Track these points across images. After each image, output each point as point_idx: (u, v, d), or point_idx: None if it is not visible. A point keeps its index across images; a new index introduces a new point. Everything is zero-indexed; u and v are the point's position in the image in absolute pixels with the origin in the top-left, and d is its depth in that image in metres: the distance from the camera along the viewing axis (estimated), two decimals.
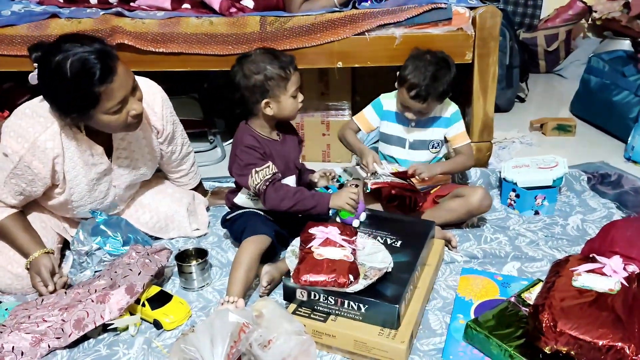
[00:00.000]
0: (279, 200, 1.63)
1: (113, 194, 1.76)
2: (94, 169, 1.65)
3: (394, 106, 1.93)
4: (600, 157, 2.39)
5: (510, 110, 3.08)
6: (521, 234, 1.86)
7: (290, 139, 1.78)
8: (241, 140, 1.68)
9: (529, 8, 3.60)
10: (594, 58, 2.87)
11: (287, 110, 1.65)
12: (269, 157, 1.67)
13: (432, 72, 1.77)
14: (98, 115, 1.48)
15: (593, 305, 1.24)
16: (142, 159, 1.78)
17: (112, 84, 1.44)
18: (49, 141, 1.53)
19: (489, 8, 2.03)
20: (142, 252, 1.60)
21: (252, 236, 1.60)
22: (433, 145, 1.94)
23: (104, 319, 1.41)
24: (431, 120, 1.92)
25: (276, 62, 1.60)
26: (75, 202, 1.68)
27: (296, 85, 1.64)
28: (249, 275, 1.54)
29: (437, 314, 1.51)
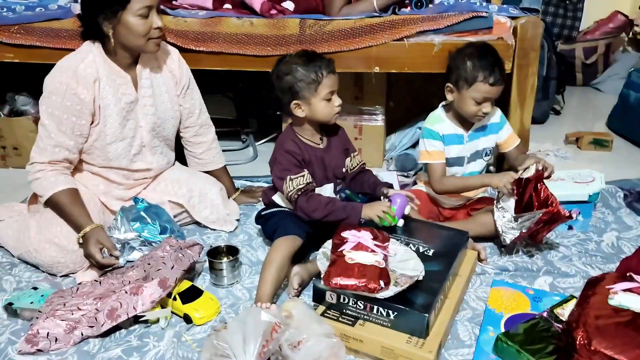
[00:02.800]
0: (311, 211, 1.65)
1: (140, 136, 1.85)
2: (123, 98, 1.77)
3: (445, 129, 1.88)
4: (638, 174, 2.34)
5: (545, 122, 3.04)
6: (554, 249, 1.84)
7: (336, 146, 1.77)
8: (282, 144, 1.70)
9: (569, 19, 3.55)
10: (635, 72, 2.81)
11: (320, 113, 1.65)
12: (308, 163, 1.68)
13: (492, 55, 1.78)
14: (127, 17, 1.64)
15: (630, 325, 1.21)
16: (163, 105, 1.88)
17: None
18: (88, 68, 1.69)
19: (531, 19, 2.01)
20: (176, 246, 1.63)
21: (284, 236, 1.61)
22: (486, 153, 1.93)
23: (136, 310, 1.43)
24: (481, 129, 1.90)
25: (310, 64, 1.62)
26: (109, 137, 1.77)
27: (330, 89, 1.63)
28: (280, 275, 1.55)
29: (466, 325, 1.50)
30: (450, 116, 1.89)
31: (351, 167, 1.81)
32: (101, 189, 1.87)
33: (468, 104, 1.79)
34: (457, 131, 1.88)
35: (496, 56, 1.79)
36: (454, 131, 1.88)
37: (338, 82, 1.66)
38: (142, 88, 1.82)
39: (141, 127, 1.85)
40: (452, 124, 1.88)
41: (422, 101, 2.05)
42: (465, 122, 1.88)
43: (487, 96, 1.77)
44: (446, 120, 1.89)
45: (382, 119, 2.48)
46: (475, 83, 1.76)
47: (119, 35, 1.69)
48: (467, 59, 1.77)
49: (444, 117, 1.90)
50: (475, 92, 1.77)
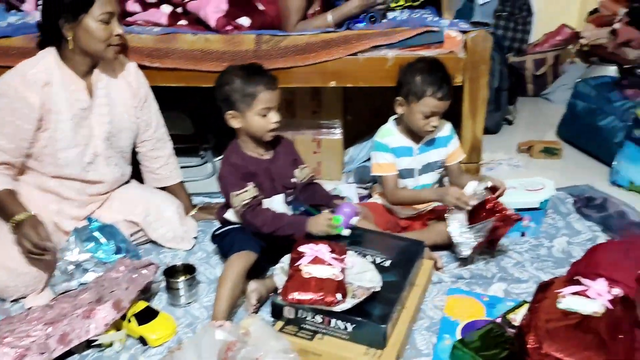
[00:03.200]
0: (259, 226, 1.66)
1: (94, 145, 1.82)
2: (76, 104, 1.76)
3: (395, 141, 1.92)
4: (586, 180, 2.43)
5: (498, 132, 3.12)
6: (507, 255, 1.88)
7: (284, 157, 1.78)
8: (226, 158, 1.73)
9: (518, 33, 3.66)
10: (581, 83, 2.92)
11: (254, 127, 1.68)
12: (254, 176, 1.69)
13: (441, 71, 1.83)
14: (88, 21, 1.67)
15: (578, 327, 1.25)
16: (119, 115, 1.87)
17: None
18: (39, 73, 1.70)
19: (481, 32, 2.07)
20: (130, 267, 1.60)
21: (238, 252, 1.61)
22: (437, 165, 1.96)
23: (89, 334, 1.40)
24: (431, 143, 1.94)
25: (249, 78, 1.65)
26: (59, 143, 1.75)
27: (265, 105, 1.65)
28: (235, 292, 1.54)
29: (423, 334, 1.52)
30: (400, 129, 1.94)
31: (301, 178, 1.81)
32: (53, 208, 1.82)
33: (417, 118, 1.83)
34: (407, 144, 1.92)
35: (445, 72, 1.84)
36: (403, 144, 1.92)
37: (277, 99, 1.68)
38: (98, 97, 1.82)
39: (95, 136, 1.83)
40: (402, 137, 1.92)
41: (379, 114, 2.08)
42: (415, 135, 1.92)
43: (435, 110, 1.81)
44: (396, 134, 1.93)
45: (340, 132, 2.50)
46: (424, 97, 1.80)
47: (79, 39, 1.70)
48: (416, 74, 1.82)
49: (394, 131, 1.93)
50: (423, 106, 1.81)
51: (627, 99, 2.61)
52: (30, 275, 1.61)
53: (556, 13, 3.85)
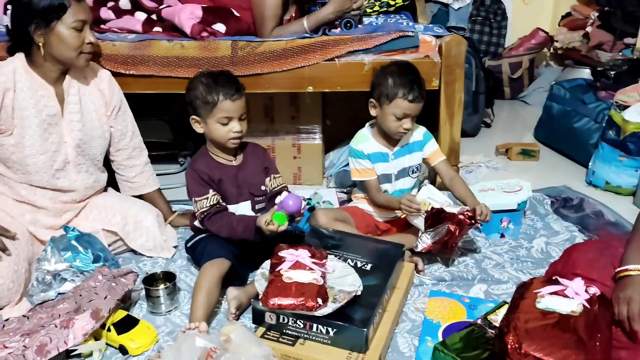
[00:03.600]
0: (216, 232, 1.68)
1: (64, 152, 1.81)
2: (44, 110, 1.75)
3: (369, 147, 1.92)
4: (563, 181, 2.46)
5: (477, 135, 3.15)
6: (487, 257, 1.90)
7: (254, 164, 1.78)
8: (192, 164, 1.75)
9: (494, 37, 3.72)
10: (556, 86, 2.97)
11: (214, 134, 1.70)
12: (218, 182, 1.71)
13: (412, 74, 1.84)
14: (60, 28, 1.67)
15: (556, 326, 1.27)
16: (90, 123, 1.86)
17: (80, 4, 1.70)
18: (2, 76, 1.68)
19: (455, 37, 2.10)
20: (109, 275, 1.58)
21: (210, 260, 1.61)
22: (412, 170, 1.97)
23: (67, 345, 1.37)
24: (407, 148, 1.95)
25: (213, 85, 1.66)
26: (27, 149, 1.73)
27: (226, 114, 1.66)
28: (211, 299, 1.54)
29: (405, 337, 1.52)
30: (375, 134, 1.95)
31: (271, 187, 1.81)
32: (27, 218, 1.80)
33: (389, 120, 1.85)
34: (382, 150, 1.93)
35: (416, 74, 1.85)
36: (378, 150, 1.93)
37: (240, 110, 1.68)
38: (69, 104, 1.80)
39: (66, 143, 1.81)
40: (377, 142, 1.94)
41: (358, 119, 2.09)
42: (390, 139, 1.93)
43: (406, 112, 1.82)
44: (371, 140, 1.94)
45: (319, 137, 2.51)
46: (396, 99, 1.81)
47: (50, 46, 1.69)
48: (388, 76, 1.83)
49: (369, 136, 1.94)
50: (395, 107, 1.82)
51: (600, 100, 2.66)
52: (5, 286, 1.58)
53: (530, 17, 3.92)
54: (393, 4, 2.57)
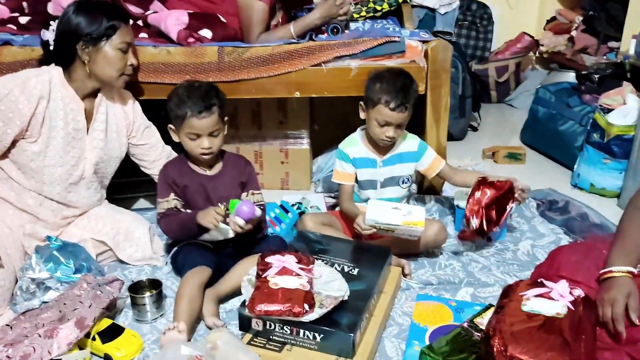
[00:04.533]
0: (168, 232, 1.75)
1: (82, 168, 1.84)
2: (72, 123, 1.78)
3: (357, 152, 1.93)
4: (549, 184, 2.48)
5: (464, 138, 3.17)
6: (474, 260, 1.91)
7: (230, 177, 1.77)
8: (165, 164, 1.82)
9: (480, 41, 3.75)
10: (541, 89, 3.00)
11: (185, 146, 1.73)
12: (183, 188, 1.73)
13: (401, 82, 1.83)
14: (107, 49, 1.74)
15: (541, 329, 1.28)
16: (112, 143, 1.90)
17: (126, 28, 1.78)
18: (39, 83, 1.70)
19: (440, 42, 2.11)
20: (93, 283, 1.56)
21: (191, 269, 1.61)
22: (403, 180, 1.97)
23: (51, 354, 1.36)
24: (397, 157, 1.95)
25: (182, 100, 1.69)
26: (48, 159, 1.76)
27: (193, 130, 1.68)
28: (193, 307, 1.54)
29: (393, 341, 1.52)
30: (365, 140, 1.95)
31: None
32: (27, 229, 1.80)
33: (373, 125, 1.86)
34: (370, 155, 1.94)
35: (405, 84, 1.83)
36: (366, 155, 1.93)
37: (210, 127, 1.69)
38: (96, 121, 1.84)
39: (86, 159, 1.84)
40: (366, 148, 1.94)
41: (346, 123, 2.09)
42: (379, 147, 1.93)
43: (388, 120, 1.82)
44: (360, 144, 1.94)
45: (307, 142, 2.51)
46: (378, 105, 1.82)
47: (94, 63, 1.74)
48: (376, 81, 1.84)
49: (358, 141, 1.95)
50: (377, 113, 1.83)
51: (585, 104, 2.69)
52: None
53: (516, 21, 3.96)
54: (380, 10, 2.59)
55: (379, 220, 1.73)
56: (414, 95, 1.85)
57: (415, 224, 1.73)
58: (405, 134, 1.97)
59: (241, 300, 1.52)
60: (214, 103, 1.69)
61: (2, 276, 1.61)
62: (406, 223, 1.72)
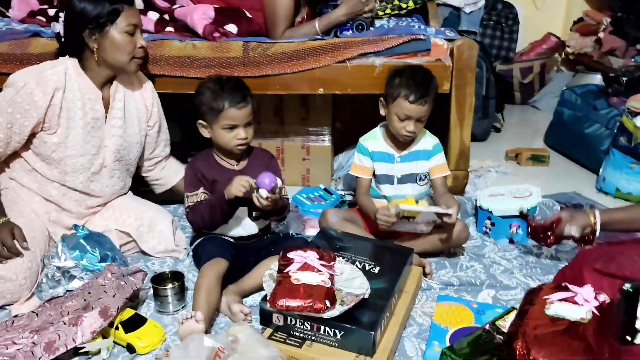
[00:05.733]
0: (197, 221, 1.73)
1: (102, 156, 1.84)
2: (90, 113, 1.78)
3: (376, 146, 1.94)
4: (573, 187, 2.45)
5: (487, 139, 3.14)
6: (496, 262, 1.89)
7: (257, 172, 1.76)
8: (193, 160, 1.82)
9: (505, 41, 3.70)
10: (567, 91, 2.95)
11: (219, 139, 1.73)
12: (212, 182, 1.74)
13: (421, 76, 1.84)
14: (113, 33, 1.70)
15: (565, 333, 1.26)
16: (132, 129, 1.89)
17: (131, 10, 1.73)
18: (54, 75, 1.71)
19: (466, 41, 2.09)
20: (117, 274, 1.58)
21: (208, 261, 1.62)
22: (420, 178, 1.96)
23: (75, 342, 1.38)
24: (414, 155, 1.95)
25: (219, 92, 1.68)
26: (69, 149, 1.77)
27: (231, 121, 1.69)
28: (210, 299, 1.55)
29: (412, 341, 1.52)
30: (385, 135, 1.96)
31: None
32: (52, 216, 1.83)
33: (393, 120, 1.86)
34: (389, 150, 1.94)
35: (426, 78, 1.84)
36: (385, 150, 1.94)
37: (246, 117, 1.70)
38: (114, 109, 1.84)
39: (106, 147, 1.85)
40: (385, 143, 1.95)
41: (368, 121, 2.09)
42: (398, 143, 1.93)
43: (408, 114, 1.82)
44: (380, 139, 1.95)
45: (329, 139, 2.51)
46: (398, 99, 1.82)
47: (103, 50, 1.73)
48: (396, 77, 1.84)
49: (378, 135, 1.96)
50: (397, 107, 1.83)
51: (612, 107, 2.64)
52: (17, 282, 1.59)
53: (542, 22, 3.90)
54: (405, 7, 2.57)
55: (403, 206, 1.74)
56: (433, 89, 1.85)
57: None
58: (424, 132, 1.97)
59: (262, 295, 1.53)
60: (248, 93, 1.73)
61: (29, 258, 1.64)
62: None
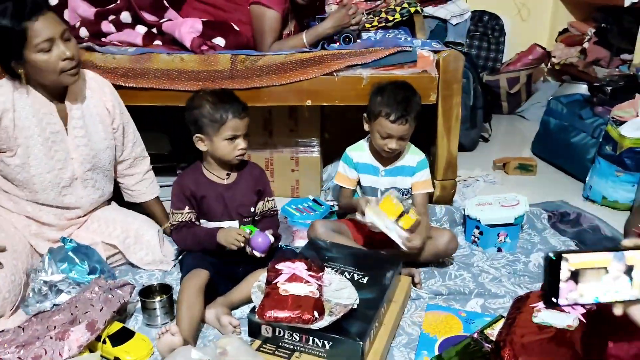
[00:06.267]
0: (183, 245, 1.78)
1: (71, 169, 1.79)
2: (48, 127, 1.72)
3: (362, 157, 1.96)
4: (560, 196, 2.47)
5: (475, 149, 3.16)
6: (484, 271, 1.90)
7: (246, 185, 1.79)
8: (180, 176, 1.80)
9: (492, 52, 3.75)
10: (553, 101, 2.99)
11: (220, 151, 1.72)
12: (200, 198, 1.73)
13: (402, 94, 1.84)
14: (30, 55, 1.59)
15: (552, 341, 1.27)
16: (97, 135, 1.84)
17: (37, 22, 1.57)
18: (1, 96, 1.64)
19: (452, 52, 2.11)
20: (105, 287, 1.57)
21: (188, 273, 1.62)
22: (403, 193, 1.98)
23: (62, 356, 1.37)
24: (399, 170, 1.97)
25: (219, 104, 1.68)
26: (33, 168, 1.72)
27: (233, 132, 1.69)
28: (193, 312, 1.54)
29: (402, 351, 1.52)
30: (371, 148, 1.98)
31: (262, 209, 1.82)
32: (32, 229, 1.81)
33: (375, 137, 1.89)
34: (374, 163, 1.96)
35: (406, 97, 1.84)
36: (370, 162, 1.97)
37: (245, 127, 1.72)
38: (73, 119, 1.78)
39: (73, 159, 1.80)
40: (371, 155, 1.96)
41: (356, 132, 2.10)
42: (382, 157, 1.95)
43: (389, 132, 1.84)
44: (366, 150, 1.98)
45: (318, 150, 2.52)
46: (379, 117, 1.84)
47: (30, 73, 1.65)
48: (378, 94, 1.86)
49: (364, 147, 1.98)
50: (378, 126, 1.85)
51: (597, 116, 2.68)
52: (0, 295, 1.57)
53: (527, 33, 3.96)
54: (391, 19, 2.61)
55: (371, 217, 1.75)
56: (415, 107, 1.85)
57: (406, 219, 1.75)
58: (411, 148, 1.99)
59: (251, 306, 1.52)
60: (245, 103, 1.74)
61: (12, 271, 1.61)
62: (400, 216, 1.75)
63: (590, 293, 0.88)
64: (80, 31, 2.26)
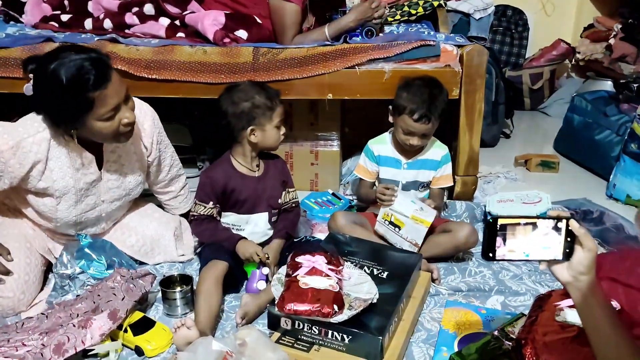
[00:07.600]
0: (199, 233, 1.81)
1: (100, 209, 1.76)
2: (83, 178, 1.66)
3: (384, 150, 1.96)
4: (583, 194, 2.43)
5: (496, 145, 3.13)
6: (505, 268, 1.88)
7: (274, 177, 1.80)
8: (210, 168, 1.81)
9: (515, 47, 3.70)
10: (577, 97, 2.94)
11: (271, 139, 1.73)
12: (231, 192, 1.73)
13: (428, 92, 1.83)
14: (91, 122, 1.50)
15: (575, 340, 1.25)
16: (132, 174, 1.78)
17: (106, 90, 1.47)
18: (35, 145, 1.54)
19: (476, 46, 2.09)
20: (127, 276, 1.59)
21: (206, 264, 1.64)
22: (422, 185, 1.98)
23: (84, 344, 1.39)
24: (421, 163, 1.96)
25: (264, 92, 1.70)
26: (60, 212, 1.67)
27: (280, 117, 1.72)
28: (211, 302, 1.55)
29: (421, 347, 1.51)
30: (393, 141, 1.97)
31: (284, 201, 1.83)
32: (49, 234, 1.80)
33: (398, 131, 1.89)
34: (396, 156, 1.96)
35: (432, 95, 1.83)
36: (392, 155, 1.96)
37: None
38: (108, 162, 1.70)
39: (103, 202, 1.75)
40: (393, 148, 1.96)
41: (376, 127, 2.09)
42: (404, 150, 1.95)
43: (411, 130, 1.84)
44: (388, 144, 1.97)
45: (337, 144, 2.51)
46: (403, 114, 1.84)
47: (84, 134, 1.56)
48: (405, 90, 1.86)
49: (387, 140, 1.98)
50: (401, 121, 1.86)
51: (623, 113, 2.63)
52: (15, 298, 1.59)
53: (552, 28, 3.89)
54: (414, 13, 2.58)
55: (394, 207, 1.78)
56: (440, 106, 1.84)
57: (422, 222, 1.78)
58: (434, 142, 1.98)
59: None
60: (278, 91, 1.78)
61: (25, 271, 1.62)
62: (414, 218, 1.78)
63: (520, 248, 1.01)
64: (104, 23, 2.28)
